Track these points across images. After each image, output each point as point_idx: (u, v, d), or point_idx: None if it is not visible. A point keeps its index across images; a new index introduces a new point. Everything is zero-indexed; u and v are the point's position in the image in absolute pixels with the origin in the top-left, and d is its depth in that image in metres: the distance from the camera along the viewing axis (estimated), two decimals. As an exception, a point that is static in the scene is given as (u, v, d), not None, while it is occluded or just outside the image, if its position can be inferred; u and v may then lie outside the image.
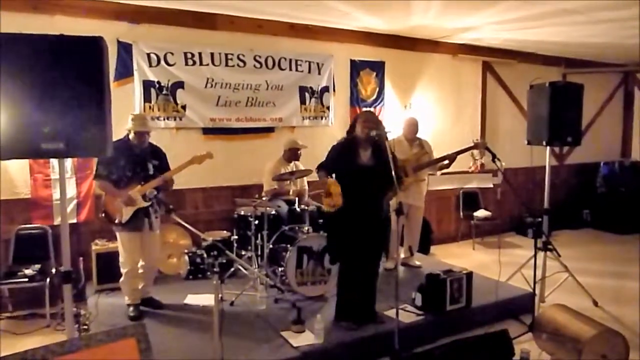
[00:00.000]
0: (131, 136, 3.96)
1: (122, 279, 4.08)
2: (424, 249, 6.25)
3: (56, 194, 4.64)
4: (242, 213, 4.92)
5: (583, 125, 5.04)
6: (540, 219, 4.74)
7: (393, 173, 3.22)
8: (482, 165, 7.19)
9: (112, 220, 3.94)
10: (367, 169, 3.63)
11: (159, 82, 5.12)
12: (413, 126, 5.23)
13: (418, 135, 5.29)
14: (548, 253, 4.72)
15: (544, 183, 4.94)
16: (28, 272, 4.30)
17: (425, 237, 6.08)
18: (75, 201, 4.80)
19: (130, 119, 3.99)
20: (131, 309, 4.08)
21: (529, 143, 4.82)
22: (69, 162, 4.73)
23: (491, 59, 7.50)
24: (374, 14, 5.48)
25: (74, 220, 4.78)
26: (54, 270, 4.39)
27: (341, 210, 3.57)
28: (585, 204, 8.47)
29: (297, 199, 4.85)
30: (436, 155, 5.18)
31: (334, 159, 3.72)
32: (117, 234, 4.02)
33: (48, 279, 4.27)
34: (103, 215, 3.99)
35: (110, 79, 4.81)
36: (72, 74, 2.42)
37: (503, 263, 4.70)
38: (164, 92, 5.15)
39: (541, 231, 4.55)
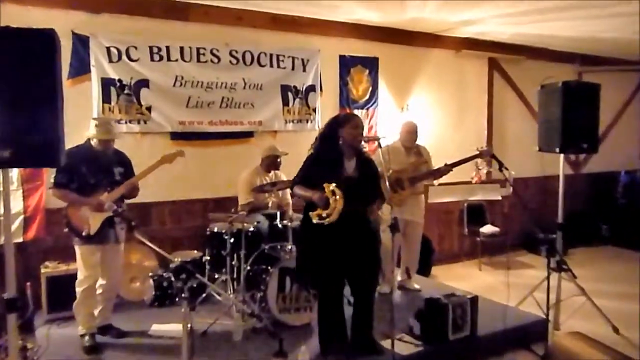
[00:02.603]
0: (94, 142, 4.02)
1: (76, 300, 4.04)
2: (424, 270, 6.27)
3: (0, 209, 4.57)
4: (216, 230, 4.89)
5: (600, 130, 5.13)
6: (553, 235, 4.79)
7: (388, 184, 3.24)
8: (488, 174, 7.25)
9: (79, 234, 3.94)
10: (353, 181, 3.61)
11: (120, 80, 5.09)
12: (412, 133, 5.25)
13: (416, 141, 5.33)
14: (563, 274, 4.77)
15: (557, 195, 4.99)
16: (-34, 299, 4.22)
17: (425, 257, 6.09)
18: (21, 217, 4.73)
19: (94, 125, 4.02)
20: (86, 338, 4.02)
21: (540, 150, 4.88)
22: (14, 172, 4.67)
23: (498, 55, 7.60)
24: (367, 5, 5.53)
25: (20, 239, 4.70)
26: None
27: (323, 227, 3.48)
28: (604, 218, 8.56)
29: (278, 213, 4.84)
30: (435, 164, 5.21)
31: (313, 170, 3.64)
32: (77, 248, 4.01)
33: (-11, 308, 4.20)
34: (67, 229, 3.98)
35: (64, 76, 4.82)
36: (18, 71, 2.40)
37: (512, 285, 4.73)
38: (126, 91, 5.13)
39: (555, 249, 4.60)
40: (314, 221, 3.47)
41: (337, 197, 3.38)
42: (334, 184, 3.41)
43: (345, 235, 3.57)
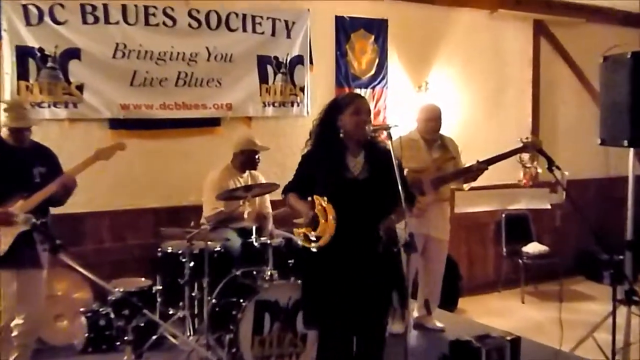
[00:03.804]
0: (3, 133, 4.00)
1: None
2: (449, 302, 6.27)
3: None
4: (171, 250, 4.88)
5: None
6: (621, 256, 4.79)
7: (400, 187, 3.22)
8: (534, 176, 7.27)
9: None
10: (360, 183, 3.60)
11: (41, 50, 5.07)
12: (434, 120, 5.24)
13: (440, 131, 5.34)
14: (633, 307, 4.77)
15: (626, 202, 5.00)
16: None
17: (450, 285, 6.10)
18: None
19: (2, 109, 3.99)
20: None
21: (602, 143, 4.89)
22: None
23: (547, 17, 7.63)
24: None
25: None
26: None
27: (325, 254, 3.46)
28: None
29: (255, 227, 4.82)
30: (465, 162, 5.22)
31: (308, 173, 3.63)
32: None
33: None
34: None
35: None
36: None
37: (566, 323, 4.73)
38: (50, 64, 5.10)
39: (623, 274, 4.60)
40: (299, 242, 3.49)
41: (330, 217, 3.35)
42: (324, 199, 3.39)
43: (352, 257, 3.55)
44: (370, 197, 3.53)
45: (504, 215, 7.47)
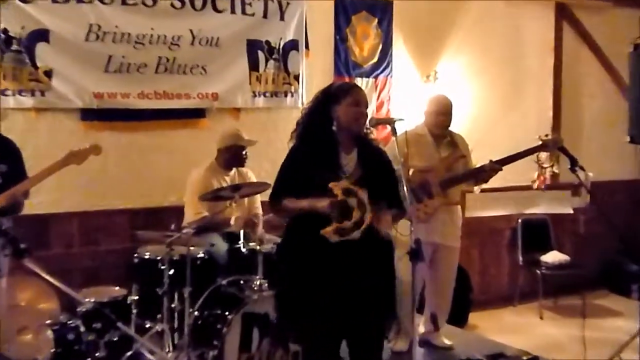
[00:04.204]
0: None
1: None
2: (458, 317, 6.27)
3: None
4: (148, 256, 4.86)
5: None
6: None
7: (405, 188, 3.21)
8: (554, 176, 7.26)
9: None
10: (353, 184, 3.59)
11: (5, 31, 5.03)
12: (444, 114, 5.22)
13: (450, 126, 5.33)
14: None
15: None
16: None
17: (460, 298, 6.09)
18: None
19: None
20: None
21: (632, 141, 4.89)
22: None
23: (570, 0, 7.63)
24: None
25: None
26: None
27: (307, 253, 3.49)
28: None
29: (242, 232, 4.81)
30: (476, 161, 5.22)
31: (296, 171, 3.61)
32: None
33: None
34: None
35: None
36: None
37: (590, 341, 4.73)
38: (14, 47, 5.08)
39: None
40: (333, 240, 3.39)
41: (360, 196, 3.32)
42: (344, 182, 3.36)
43: (343, 264, 3.54)
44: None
45: (520, 221, 7.49)
